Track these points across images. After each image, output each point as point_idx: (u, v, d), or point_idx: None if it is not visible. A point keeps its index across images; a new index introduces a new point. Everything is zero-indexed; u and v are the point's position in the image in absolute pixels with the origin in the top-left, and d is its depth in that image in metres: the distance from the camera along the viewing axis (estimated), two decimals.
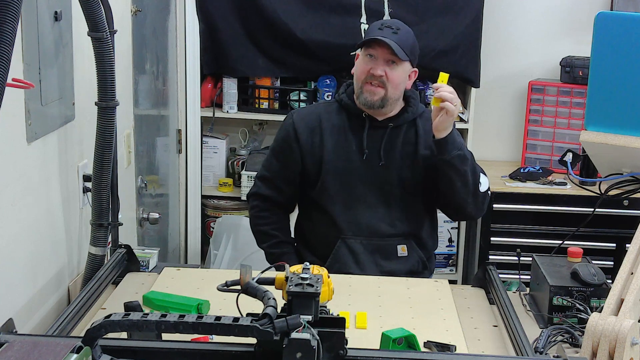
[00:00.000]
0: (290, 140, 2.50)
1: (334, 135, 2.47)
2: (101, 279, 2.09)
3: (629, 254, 1.69)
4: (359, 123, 2.46)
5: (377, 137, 2.45)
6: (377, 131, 2.45)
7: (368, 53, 2.38)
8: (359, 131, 2.46)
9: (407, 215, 2.48)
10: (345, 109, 2.48)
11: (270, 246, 2.57)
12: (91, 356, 1.29)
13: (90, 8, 2.01)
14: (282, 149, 2.54)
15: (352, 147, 2.45)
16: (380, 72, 2.36)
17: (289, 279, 1.43)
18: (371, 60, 2.37)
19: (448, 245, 3.96)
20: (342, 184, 2.46)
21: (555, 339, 1.85)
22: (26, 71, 1.85)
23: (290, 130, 2.50)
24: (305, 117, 2.52)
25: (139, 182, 3.03)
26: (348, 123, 2.47)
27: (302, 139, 2.48)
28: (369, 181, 2.45)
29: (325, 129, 2.47)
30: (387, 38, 2.33)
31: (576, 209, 3.52)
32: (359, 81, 2.41)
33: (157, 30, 3.36)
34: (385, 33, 2.35)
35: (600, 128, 1.81)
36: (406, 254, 2.48)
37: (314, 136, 2.48)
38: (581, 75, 3.67)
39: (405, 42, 2.37)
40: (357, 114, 2.46)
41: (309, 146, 2.47)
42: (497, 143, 4.09)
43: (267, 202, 2.58)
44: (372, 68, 2.36)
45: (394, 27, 2.38)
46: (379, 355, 1.50)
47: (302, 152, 2.48)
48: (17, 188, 1.86)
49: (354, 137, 2.46)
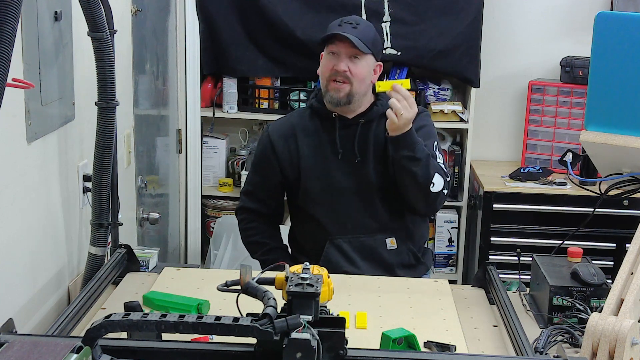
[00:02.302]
0: (267, 152, 2.54)
1: (308, 140, 2.50)
2: (101, 279, 2.09)
3: (629, 254, 1.69)
4: (331, 124, 2.48)
5: (349, 135, 2.47)
6: (349, 129, 2.47)
7: (330, 51, 2.41)
8: (332, 132, 2.48)
9: (391, 209, 2.50)
10: (317, 113, 2.51)
11: (263, 254, 2.59)
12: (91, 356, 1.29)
13: (90, 8, 2.01)
14: (260, 162, 2.58)
15: (327, 149, 2.48)
16: (344, 67, 2.38)
17: (289, 279, 1.43)
18: (334, 57, 2.40)
19: (448, 245, 3.96)
20: (322, 186, 2.49)
21: (555, 339, 1.85)
22: (26, 71, 1.85)
23: (267, 142, 2.54)
24: (279, 128, 2.56)
25: (139, 182, 3.03)
26: (320, 126, 2.50)
27: (279, 149, 2.51)
28: (348, 179, 2.48)
29: (299, 135, 2.51)
30: (347, 33, 2.35)
31: (576, 209, 3.52)
32: (324, 80, 2.44)
33: (157, 30, 3.36)
34: (345, 29, 2.37)
35: (600, 128, 1.81)
36: (396, 246, 2.50)
37: (290, 144, 2.51)
38: (581, 75, 3.67)
39: (366, 36, 2.39)
40: (327, 116, 2.48)
41: (286, 155, 2.51)
42: (497, 143, 4.09)
43: (253, 214, 2.61)
44: (335, 65, 2.39)
45: (353, 22, 2.40)
46: (379, 355, 1.50)
47: (280, 163, 2.52)
48: (17, 188, 1.86)
49: (327, 138, 2.48)
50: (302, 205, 2.54)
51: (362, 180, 2.47)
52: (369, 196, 2.48)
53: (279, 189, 2.58)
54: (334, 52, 2.40)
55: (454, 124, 3.83)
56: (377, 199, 2.48)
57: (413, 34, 3.68)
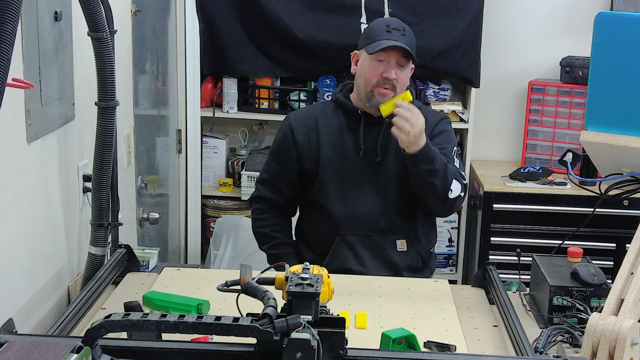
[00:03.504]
0: (287, 141, 2.52)
1: (331, 133, 2.49)
2: (101, 279, 2.09)
3: (629, 254, 1.69)
4: (355, 120, 2.48)
5: (373, 133, 2.47)
6: (374, 127, 2.47)
7: (379, 57, 2.38)
8: (356, 128, 2.47)
9: (404, 211, 2.49)
10: (342, 108, 2.51)
11: (270, 247, 2.58)
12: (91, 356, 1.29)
13: (90, 8, 2.01)
14: (280, 151, 2.56)
15: (349, 144, 2.47)
16: (394, 75, 2.38)
17: (289, 279, 1.43)
18: (382, 64, 2.38)
19: (448, 245, 3.96)
20: (339, 180, 2.48)
21: (555, 339, 1.85)
22: (26, 71, 1.85)
23: (288, 131, 2.53)
24: (301, 118, 2.55)
25: (139, 182, 3.03)
26: (345, 121, 2.49)
27: (299, 139, 2.50)
28: (366, 177, 2.47)
29: (321, 128, 2.50)
30: (399, 41, 2.34)
31: (576, 209, 3.52)
32: (369, 84, 2.40)
33: (157, 30, 3.36)
34: (394, 35, 2.36)
35: (600, 128, 1.81)
36: (405, 249, 2.50)
37: (311, 135, 2.50)
38: (581, 75, 3.67)
39: (412, 43, 2.39)
40: (353, 112, 2.48)
41: (306, 145, 2.50)
42: (497, 143, 4.09)
43: (267, 204, 2.60)
44: (384, 72, 2.37)
45: (400, 28, 2.39)
46: (379, 355, 1.50)
47: (299, 152, 2.50)
48: (17, 188, 1.86)
49: (350, 134, 2.48)
50: (315, 198, 2.52)
51: (380, 179, 2.47)
52: (385, 196, 2.47)
53: (296, 179, 2.54)
54: (382, 59, 2.37)
55: (454, 124, 3.79)
56: (392, 199, 2.47)
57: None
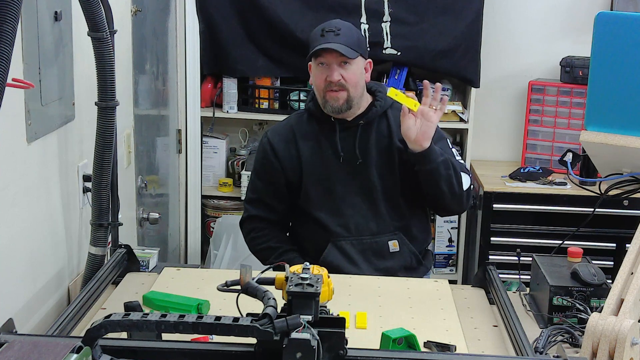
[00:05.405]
0: (269, 156, 2.53)
1: (309, 143, 2.50)
2: (101, 279, 2.09)
3: (629, 254, 1.69)
4: (330, 127, 2.48)
5: (350, 137, 2.47)
6: (350, 131, 2.47)
7: (319, 62, 2.40)
8: (332, 135, 2.47)
9: (393, 210, 2.49)
10: (315, 117, 2.51)
11: (276, 257, 2.52)
12: (91, 356, 1.29)
13: (90, 8, 2.01)
14: (264, 168, 2.56)
15: (328, 152, 2.47)
16: (337, 76, 2.38)
17: (289, 279, 1.43)
18: (324, 68, 2.40)
19: (448, 245, 3.96)
20: (324, 189, 2.48)
21: (555, 339, 1.85)
22: (26, 71, 1.85)
23: (267, 147, 2.53)
24: (279, 132, 2.55)
25: (139, 182, 3.03)
26: (320, 129, 2.50)
27: (280, 152, 2.51)
28: (349, 182, 2.47)
29: (299, 139, 2.50)
30: (331, 43, 2.35)
31: (576, 209, 3.52)
32: (320, 91, 2.43)
33: (157, 30, 3.36)
34: (328, 38, 2.37)
35: (600, 128, 1.81)
36: (398, 249, 2.50)
37: (290, 148, 2.51)
38: (581, 75, 3.67)
39: (350, 39, 2.39)
40: (326, 120, 2.48)
41: (287, 158, 2.50)
42: (497, 143, 4.08)
43: (261, 222, 2.58)
44: (327, 75, 2.39)
45: (334, 29, 2.39)
46: (379, 355, 1.50)
47: (282, 165, 2.51)
48: (17, 188, 1.86)
49: (328, 141, 2.48)
50: (303, 208, 2.53)
51: (365, 182, 2.47)
52: (372, 198, 2.47)
53: (285, 192, 2.54)
54: (322, 62, 2.39)
55: (454, 123, 3.82)
56: (379, 201, 2.47)
57: (413, 34, 3.68)
